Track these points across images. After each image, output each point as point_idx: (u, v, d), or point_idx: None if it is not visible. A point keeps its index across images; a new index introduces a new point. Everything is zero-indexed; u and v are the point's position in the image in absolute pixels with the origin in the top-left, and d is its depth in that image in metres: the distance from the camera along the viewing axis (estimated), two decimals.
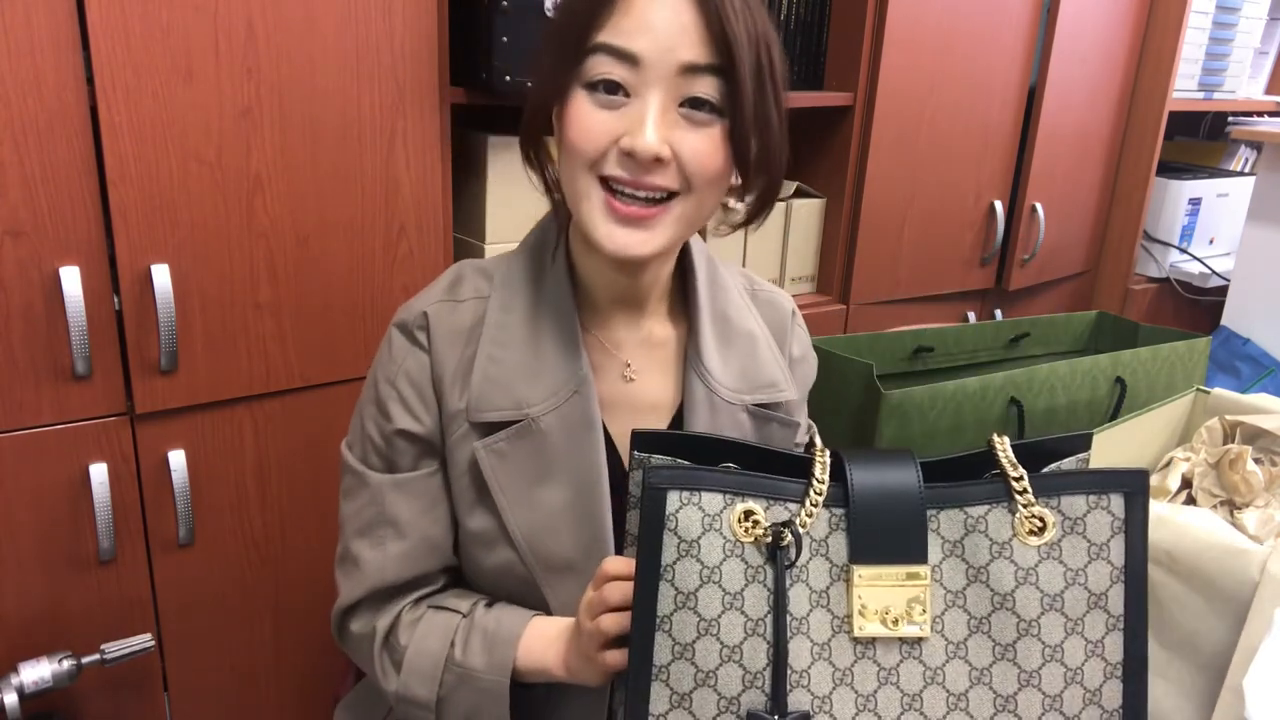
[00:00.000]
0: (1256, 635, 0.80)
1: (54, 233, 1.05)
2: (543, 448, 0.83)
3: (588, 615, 0.76)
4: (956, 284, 1.94)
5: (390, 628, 0.86)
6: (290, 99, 1.15)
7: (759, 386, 0.91)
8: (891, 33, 1.65)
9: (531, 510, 0.84)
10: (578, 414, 0.84)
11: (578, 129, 0.76)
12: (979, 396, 1.30)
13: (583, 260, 0.87)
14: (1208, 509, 1.05)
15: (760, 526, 0.68)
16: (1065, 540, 0.70)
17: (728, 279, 0.94)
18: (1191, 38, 2.10)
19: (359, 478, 0.87)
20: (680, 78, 0.74)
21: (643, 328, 0.90)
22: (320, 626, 1.38)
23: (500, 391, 0.83)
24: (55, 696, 1.17)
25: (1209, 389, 1.25)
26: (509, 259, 0.90)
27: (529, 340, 0.85)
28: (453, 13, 1.24)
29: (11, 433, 1.09)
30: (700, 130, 0.76)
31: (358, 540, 0.87)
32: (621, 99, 0.75)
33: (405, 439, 0.85)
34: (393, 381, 0.86)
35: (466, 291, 0.88)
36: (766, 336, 0.93)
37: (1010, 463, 0.70)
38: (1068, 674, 0.69)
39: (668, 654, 0.67)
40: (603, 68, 0.75)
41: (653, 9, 0.73)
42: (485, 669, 0.81)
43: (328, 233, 1.22)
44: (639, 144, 0.74)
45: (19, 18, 0.98)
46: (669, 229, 0.78)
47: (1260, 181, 2.00)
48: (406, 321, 0.87)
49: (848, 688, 0.68)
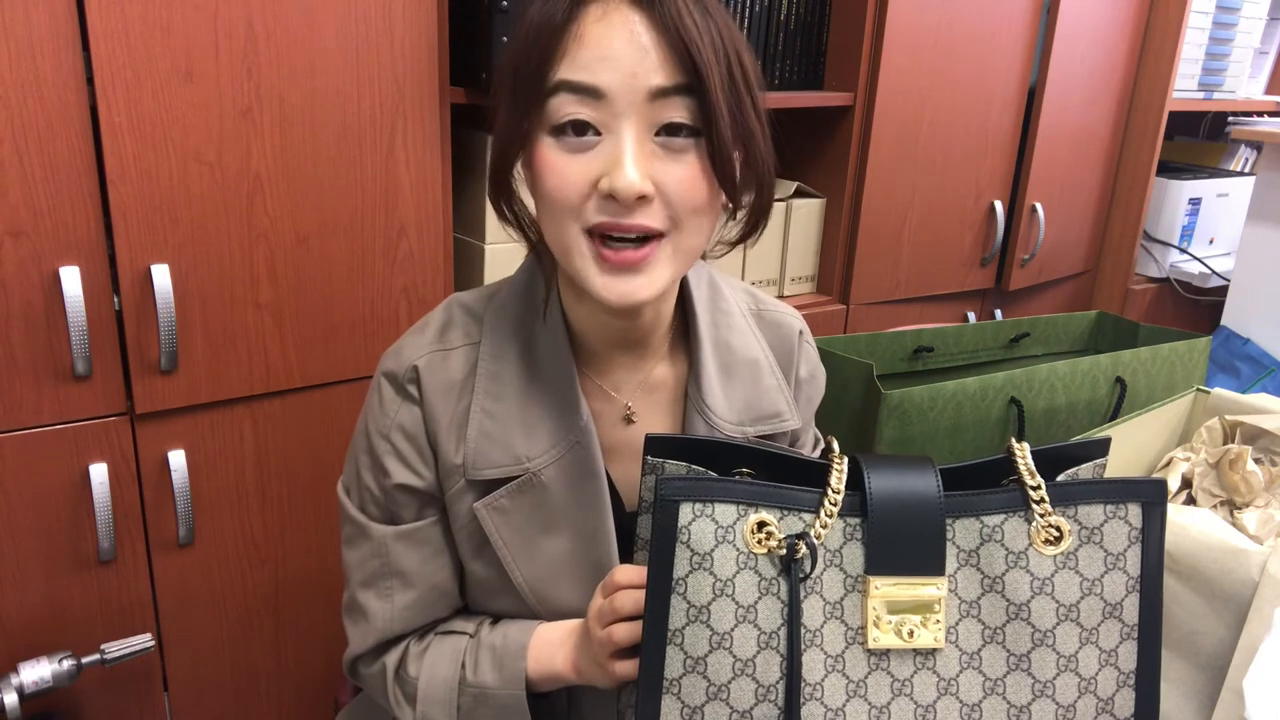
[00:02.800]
0: (1256, 635, 0.80)
1: (54, 233, 1.05)
2: (545, 500, 0.81)
3: (598, 623, 0.75)
4: (956, 284, 1.94)
5: (400, 662, 0.85)
6: (290, 99, 1.15)
7: (762, 417, 0.88)
8: (891, 33, 1.65)
9: (535, 561, 0.82)
10: (579, 465, 0.81)
11: (553, 180, 0.71)
12: (979, 396, 1.30)
13: (576, 306, 0.83)
14: (1208, 509, 1.04)
15: (774, 538, 0.67)
16: (1082, 550, 0.69)
17: (731, 302, 0.90)
18: (1191, 38, 2.10)
19: (360, 528, 0.85)
20: (650, 105, 0.69)
21: (643, 369, 0.86)
22: (320, 626, 1.38)
23: (497, 447, 0.80)
24: (55, 696, 1.17)
25: (1209, 389, 1.25)
26: (499, 299, 0.86)
27: (524, 391, 0.81)
28: (453, 13, 1.24)
29: (11, 433, 1.09)
30: (681, 159, 0.71)
31: (364, 591, 0.85)
32: (592, 138, 0.70)
33: (406, 493, 0.83)
34: (386, 435, 0.82)
35: (456, 338, 0.84)
36: (770, 362, 0.90)
37: (1029, 471, 0.70)
38: (1081, 684, 0.69)
39: (679, 667, 0.66)
40: (567, 108, 0.70)
41: (609, 37, 0.69)
42: (499, 685, 0.81)
43: (328, 233, 1.22)
44: (620, 184, 0.68)
45: (19, 18, 0.98)
46: (665, 267, 0.74)
47: (1260, 181, 2.00)
48: (396, 374, 0.83)
49: (861, 700, 0.67)
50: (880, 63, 1.65)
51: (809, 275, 1.81)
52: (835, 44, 1.70)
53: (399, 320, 1.30)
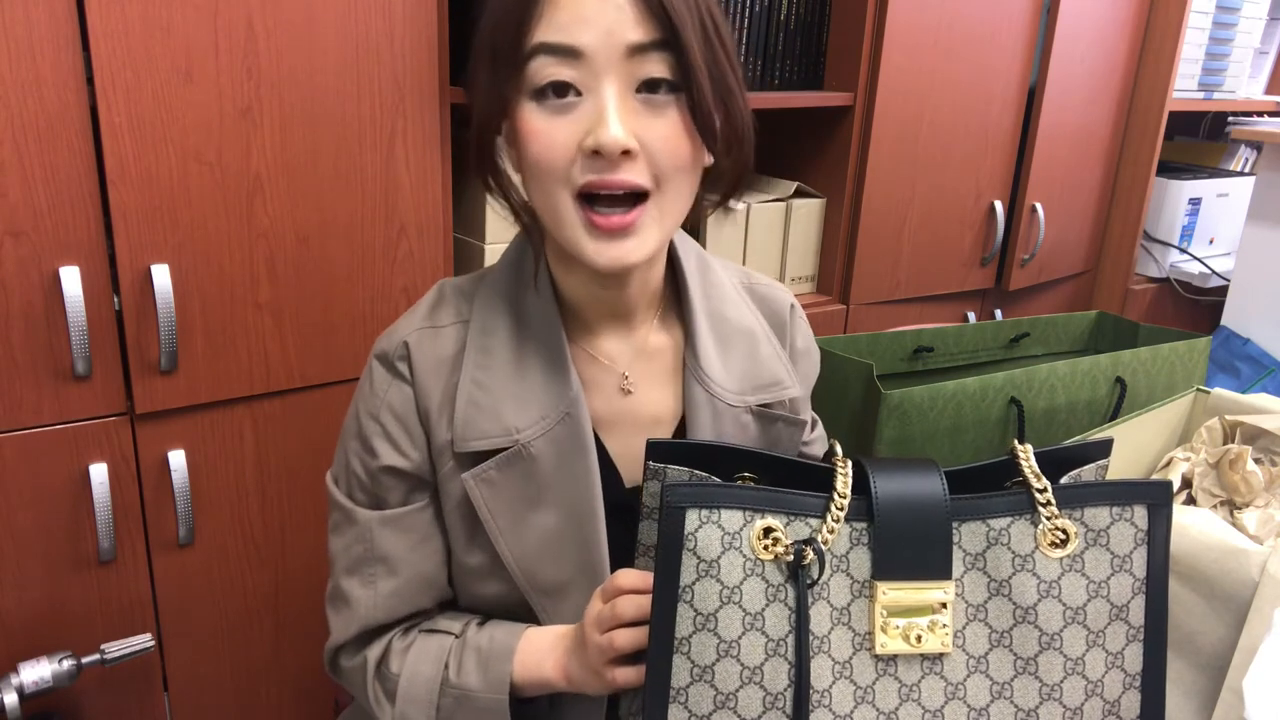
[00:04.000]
0: (1256, 635, 0.80)
1: (54, 233, 1.05)
2: (534, 473, 0.80)
3: (597, 629, 0.73)
4: (956, 284, 1.94)
5: (382, 657, 0.84)
6: (290, 99, 1.15)
7: (762, 386, 0.88)
8: (891, 33, 1.65)
9: (523, 536, 0.81)
10: (569, 438, 0.81)
11: (537, 144, 0.72)
12: (979, 396, 1.30)
13: (566, 277, 0.83)
14: (1208, 509, 1.05)
15: (781, 544, 0.66)
16: (1088, 552, 0.69)
17: (721, 276, 0.91)
18: (1191, 38, 2.10)
19: (346, 514, 0.85)
20: (629, 61, 0.70)
21: (636, 338, 0.86)
22: (320, 626, 1.38)
23: (487, 418, 0.80)
24: (55, 696, 1.17)
25: (1209, 389, 1.25)
26: (489, 278, 0.86)
27: (514, 363, 0.81)
28: (453, 13, 1.24)
29: (11, 433, 1.09)
30: (663, 115, 0.72)
31: (347, 578, 0.84)
32: (573, 99, 0.71)
33: (392, 475, 0.82)
34: (376, 415, 0.82)
35: (447, 316, 0.84)
36: (766, 331, 0.90)
37: (1034, 474, 0.69)
38: (1088, 686, 0.69)
39: (686, 676, 0.66)
40: (547, 70, 0.70)
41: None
42: (482, 688, 0.80)
43: (328, 233, 1.22)
44: (604, 139, 0.69)
45: (19, 18, 0.98)
46: (654, 229, 0.75)
47: (1260, 181, 2.00)
48: (387, 352, 0.83)
49: (869, 706, 0.67)
50: (880, 63, 1.65)
51: (809, 275, 1.81)
52: (835, 44, 1.70)
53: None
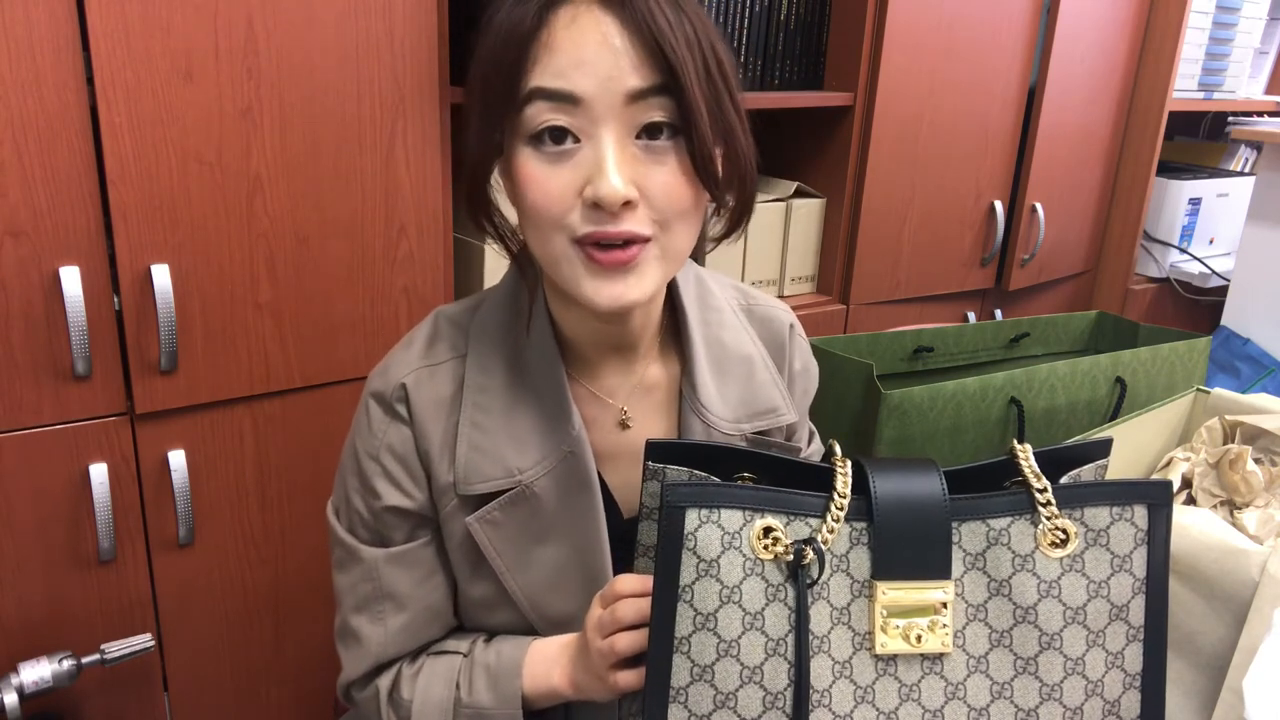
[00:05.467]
0: (1256, 635, 0.80)
1: (54, 233, 1.05)
2: (538, 511, 0.80)
3: (598, 634, 0.73)
4: (956, 284, 1.94)
5: (393, 685, 0.84)
6: (290, 99, 1.15)
7: (758, 413, 0.87)
8: (891, 33, 1.65)
9: (530, 571, 0.81)
10: (573, 476, 0.80)
11: (535, 192, 0.70)
12: (979, 396, 1.30)
13: (564, 313, 0.81)
14: (1208, 509, 1.05)
15: (781, 544, 0.66)
16: (1088, 552, 0.69)
17: (720, 299, 0.89)
18: (1191, 38, 2.10)
19: (349, 551, 0.84)
20: (629, 108, 0.68)
21: (636, 372, 0.85)
22: (320, 626, 1.38)
23: (489, 461, 0.79)
24: (55, 696, 1.17)
25: (1209, 389, 1.25)
26: (484, 310, 0.84)
27: (513, 403, 0.80)
28: (453, 13, 1.24)
29: (11, 433, 1.09)
30: (663, 162, 0.70)
31: (356, 615, 0.84)
32: (571, 146, 0.69)
33: (396, 514, 0.82)
34: (376, 456, 0.81)
35: (443, 351, 0.82)
36: (763, 356, 0.89)
37: (1034, 474, 0.69)
38: (1088, 686, 0.69)
39: (686, 676, 0.66)
40: (543, 116, 0.68)
41: (582, 41, 0.67)
42: (494, 704, 0.80)
43: (328, 233, 1.22)
44: (604, 192, 0.67)
45: (19, 18, 0.97)
46: (654, 269, 0.72)
47: (1260, 181, 2.00)
48: (384, 393, 0.81)
49: (869, 706, 0.67)
50: (880, 63, 1.65)
51: (809, 275, 1.81)
52: (835, 44, 1.70)
53: (399, 320, 1.30)
